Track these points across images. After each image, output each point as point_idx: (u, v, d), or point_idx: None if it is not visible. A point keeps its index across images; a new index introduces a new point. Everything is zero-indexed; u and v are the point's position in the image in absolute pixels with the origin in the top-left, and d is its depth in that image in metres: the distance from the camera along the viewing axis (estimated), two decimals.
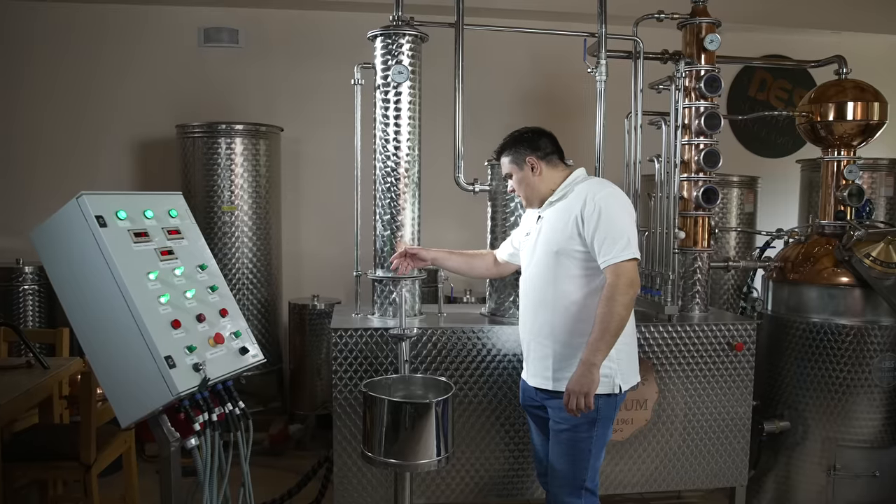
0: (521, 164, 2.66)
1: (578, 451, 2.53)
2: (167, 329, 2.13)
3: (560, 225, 2.54)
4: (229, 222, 4.63)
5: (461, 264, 3.13)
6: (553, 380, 2.56)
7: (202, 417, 2.18)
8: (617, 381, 2.52)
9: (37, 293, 4.68)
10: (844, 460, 3.42)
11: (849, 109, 3.58)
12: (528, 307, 2.67)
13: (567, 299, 2.52)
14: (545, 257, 2.58)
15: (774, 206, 5.56)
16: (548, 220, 2.62)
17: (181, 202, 2.47)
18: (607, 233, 2.43)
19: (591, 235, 2.45)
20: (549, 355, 2.57)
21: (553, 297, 2.55)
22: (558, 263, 2.53)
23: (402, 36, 3.19)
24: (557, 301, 2.54)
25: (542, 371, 2.60)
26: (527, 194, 2.69)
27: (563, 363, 2.53)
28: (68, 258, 2.16)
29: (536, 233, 2.66)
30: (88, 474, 2.94)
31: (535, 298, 2.62)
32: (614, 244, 2.41)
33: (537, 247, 2.63)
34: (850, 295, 3.44)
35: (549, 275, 2.56)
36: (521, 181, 2.68)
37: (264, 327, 4.82)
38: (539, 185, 2.66)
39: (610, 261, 2.42)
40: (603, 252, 2.43)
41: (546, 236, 2.59)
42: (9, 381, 3.00)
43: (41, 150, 5.09)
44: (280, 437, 4.61)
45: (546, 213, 2.65)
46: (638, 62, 3.58)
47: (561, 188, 2.63)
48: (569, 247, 2.51)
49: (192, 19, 5.18)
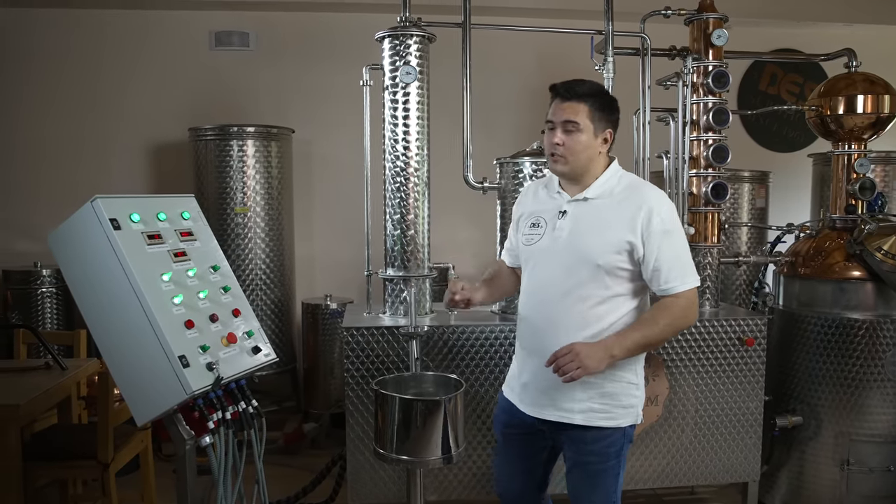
0: (598, 126, 2.16)
1: (609, 478, 2.25)
2: (181, 329, 2.17)
3: (607, 233, 2.13)
4: (242, 224, 4.67)
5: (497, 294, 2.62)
6: (579, 412, 2.20)
7: (216, 416, 2.22)
8: (639, 410, 2.27)
9: (55, 296, 4.75)
10: (858, 455, 3.41)
11: (859, 102, 3.56)
12: (541, 325, 2.23)
13: (601, 322, 2.15)
14: (578, 268, 2.14)
15: (787, 201, 5.53)
16: (583, 221, 2.18)
17: (193, 204, 2.51)
18: (674, 256, 2.11)
19: (654, 257, 2.10)
20: (572, 386, 2.15)
21: (584, 318, 2.15)
22: (596, 279, 2.13)
23: (409, 37, 3.22)
24: (588, 323, 2.15)
25: (560, 402, 2.21)
26: (579, 165, 2.17)
27: (591, 394, 2.19)
28: (83, 261, 2.20)
29: (559, 231, 2.20)
30: (106, 473, 2.99)
31: (556, 316, 2.18)
32: (681, 270, 2.12)
33: (564, 252, 2.18)
34: (862, 289, 3.43)
35: (580, 291, 2.14)
36: (586, 147, 2.15)
37: (278, 327, 4.86)
38: (595, 164, 2.19)
39: (676, 287, 2.12)
40: (669, 278, 2.11)
41: (579, 241, 2.16)
42: (28, 382, 3.06)
43: (57, 155, 5.16)
44: (295, 436, 4.65)
45: (575, 207, 2.20)
46: (645, 59, 3.58)
47: (601, 180, 2.19)
48: (615, 262, 2.12)
49: (204, 23, 5.23)
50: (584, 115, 2.13)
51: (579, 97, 2.14)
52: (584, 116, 2.13)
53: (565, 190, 2.25)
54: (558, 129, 2.15)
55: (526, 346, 2.30)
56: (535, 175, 3.30)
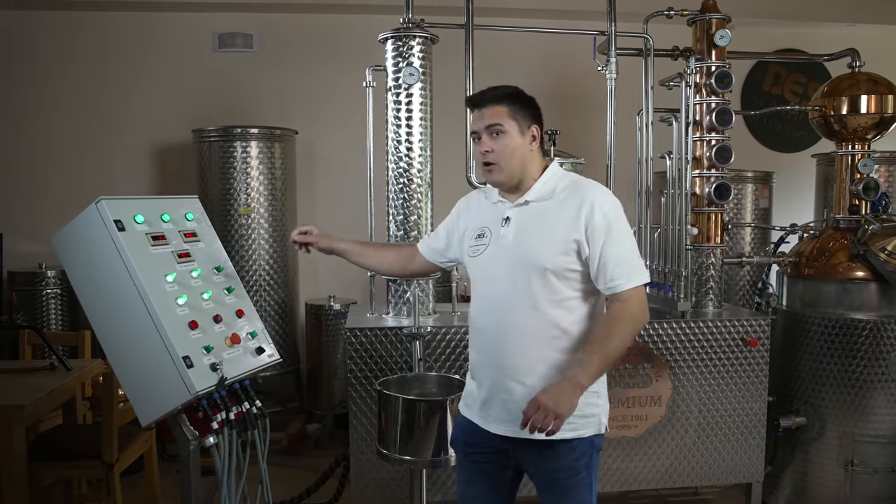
0: (523, 125, 2.09)
1: (582, 491, 2.13)
2: (185, 330, 2.18)
3: (551, 235, 2.04)
4: (246, 225, 4.69)
5: (369, 258, 2.57)
6: None
7: (220, 416, 2.23)
8: (603, 419, 2.14)
9: (59, 297, 4.77)
10: (862, 455, 3.40)
11: (862, 103, 3.56)
12: (494, 337, 2.11)
13: (556, 328, 2.05)
14: (526, 274, 2.04)
15: (790, 202, 5.53)
16: (527, 225, 2.09)
17: (197, 205, 2.52)
18: (619, 253, 2.02)
19: (599, 254, 2.01)
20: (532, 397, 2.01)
21: (537, 326, 2.05)
22: (546, 284, 2.03)
23: (412, 38, 3.23)
24: (543, 330, 2.05)
25: (518, 416, 2.02)
26: (508, 168, 2.09)
27: None
28: (88, 262, 2.22)
29: (504, 239, 2.10)
30: (111, 473, 3.00)
31: (509, 326, 2.07)
32: (627, 267, 2.02)
33: (510, 259, 2.08)
34: (866, 289, 3.42)
35: (531, 297, 2.04)
36: (511, 147, 2.07)
37: (282, 328, 4.87)
38: (530, 165, 2.11)
39: (623, 285, 2.01)
40: (614, 276, 2.01)
41: (524, 246, 2.06)
42: (33, 383, 3.07)
43: (61, 157, 5.18)
44: (298, 436, 4.65)
45: (518, 213, 2.11)
46: (648, 59, 3.59)
47: (541, 182, 2.11)
48: (563, 264, 2.02)
49: (207, 25, 5.25)
50: (505, 116, 2.08)
51: (497, 100, 2.09)
52: (505, 117, 2.08)
53: (506, 198, 2.16)
54: (484, 136, 2.09)
55: (482, 361, 2.17)
56: None
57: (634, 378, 3.29)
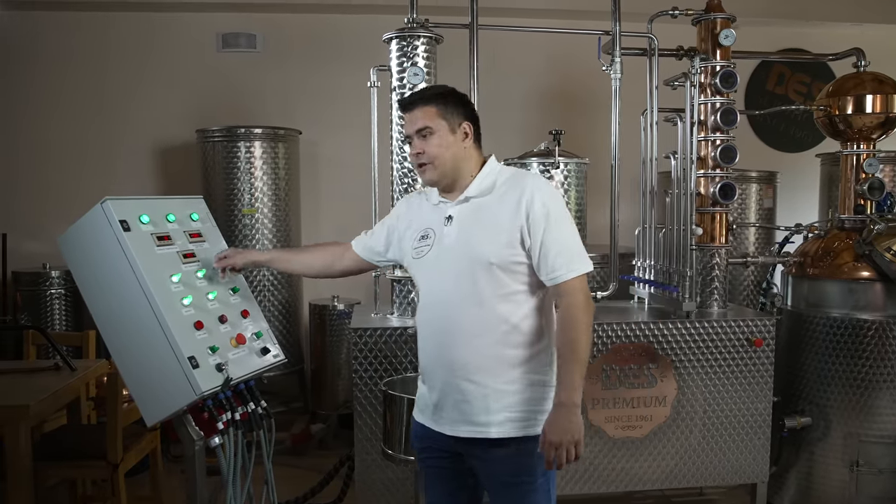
0: (453, 123, 2.07)
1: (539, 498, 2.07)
2: (190, 330, 2.18)
3: (494, 229, 2.01)
4: (250, 225, 4.69)
5: (293, 263, 2.57)
6: (495, 425, 2.02)
7: (225, 416, 2.23)
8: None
9: (63, 297, 4.77)
10: (867, 456, 3.39)
11: (867, 102, 3.55)
12: (443, 337, 2.07)
13: (506, 323, 2.01)
14: (472, 271, 2.01)
15: (794, 202, 5.52)
16: (469, 222, 2.06)
17: (202, 206, 2.52)
18: (559, 241, 1.99)
19: (539, 242, 1.98)
20: (485, 395, 2.01)
21: (486, 322, 2.01)
22: (493, 278, 2.00)
23: (416, 38, 3.23)
24: (492, 326, 2.01)
25: (473, 417, 2.03)
26: (441, 166, 2.06)
27: (505, 403, 2.02)
28: (93, 262, 2.22)
29: (447, 238, 2.07)
30: (116, 473, 3.00)
31: (458, 325, 2.03)
32: (569, 255, 1.99)
33: (455, 257, 2.04)
34: (871, 289, 3.41)
35: (478, 294, 2.00)
36: (444, 146, 2.05)
37: (285, 328, 4.87)
38: (464, 162, 2.08)
39: (564, 276, 1.98)
40: (556, 265, 1.98)
41: (471, 243, 2.02)
42: (38, 383, 3.07)
43: (63, 157, 5.18)
44: (302, 436, 4.66)
45: (460, 210, 2.08)
46: (653, 59, 3.58)
47: (480, 178, 2.09)
48: (508, 257, 1.99)
49: (210, 25, 5.25)
50: (433, 116, 2.06)
51: (424, 101, 2.09)
52: (433, 117, 2.06)
53: (447, 197, 2.13)
54: (415, 139, 2.09)
55: (432, 363, 2.12)
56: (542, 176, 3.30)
57: (639, 378, 3.28)
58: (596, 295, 3.58)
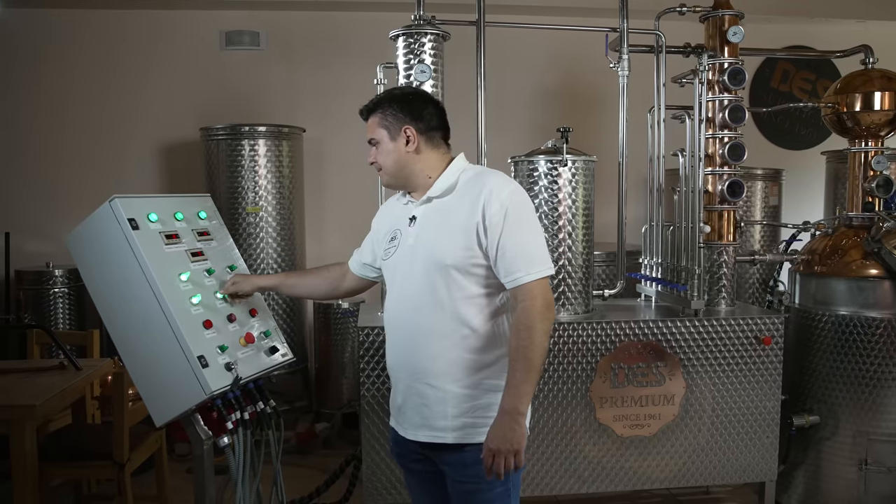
0: (393, 130, 2.07)
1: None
2: (199, 329, 2.17)
3: (451, 230, 1.98)
4: (254, 223, 4.67)
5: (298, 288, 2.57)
6: (453, 430, 1.99)
7: (234, 416, 2.22)
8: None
9: (67, 296, 4.75)
10: (876, 454, 3.38)
11: (876, 99, 3.53)
12: (405, 339, 2.06)
13: (465, 327, 1.98)
14: (430, 273, 1.98)
15: (799, 199, 5.50)
16: (429, 223, 2.04)
17: (210, 204, 2.51)
18: (519, 243, 1.94)
19: (497, 244, 1.93)
20: (444, 400, 1.99)
21: (445, 326, 1.98)
22: (451, 281, 1.97)
23: (423, 35, 3.21)
24: (451, 330, 1.98)
25: (432, 421, 2.01)
26: (393, 172, 2.09)
27: (464, 408, 1.99)
28: (101, 261, 2.20)
29: (411, 239, 2.06)
30: (122, 473, 2.99)
31: (418, 328, 2.02)
32: (528, 257, 1.94)
33: (415, 258, 2.03)
34: (880, 287, 3.40)
35: (437, 296, 1.98)
36: (389, 154, 2.07)
37: (290, 327, 4.86)
38: (412, 165, 2.07)
39: (522, 279, 1.92)
40: (514, 268, 1.93)
41: (429, 245, 2.01)
42: (43, 383, 3.06)
43: (68, 155, 5.16)
44: (307, 435, 4.64)
45: (423, 211, 2.06)
46: (660, 56, 3.56)
47: (443, 178, 2.06)
48: (467, 260, 1.96)
49: (214, 23, 5.23)
50: (375, 128, 2.09)
51: (369, 112, 2.12)
52: (375, 128, 2.09)
53: (413, 197, 2.13)
54: (371, 148, 2.13)
55: (394, 364, 2.12)
56: (550, 174, 3.29)
57: (647, 377, 3.27)
58: (603, 293, 3.57)
